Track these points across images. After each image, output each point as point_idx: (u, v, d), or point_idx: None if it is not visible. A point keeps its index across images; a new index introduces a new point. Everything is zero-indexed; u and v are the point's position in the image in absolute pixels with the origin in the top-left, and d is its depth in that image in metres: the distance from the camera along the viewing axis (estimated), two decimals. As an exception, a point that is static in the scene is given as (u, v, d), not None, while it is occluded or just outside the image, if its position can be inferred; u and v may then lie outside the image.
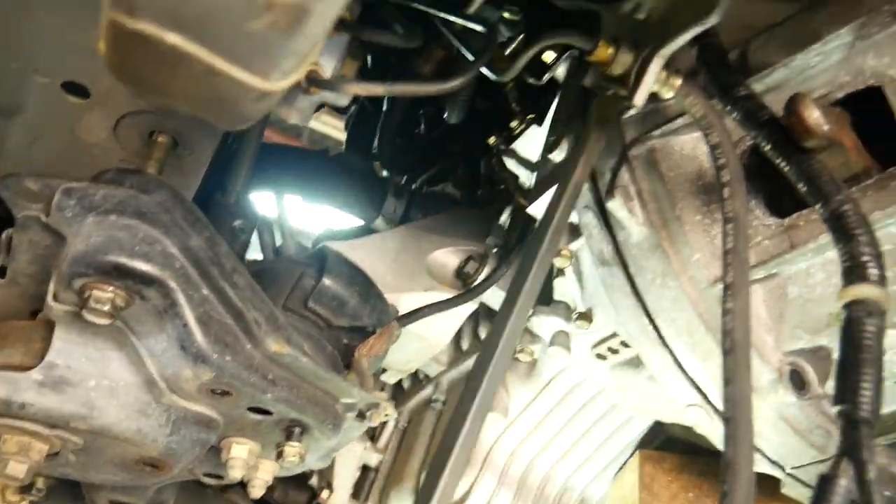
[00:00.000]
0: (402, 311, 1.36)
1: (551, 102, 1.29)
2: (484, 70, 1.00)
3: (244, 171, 1.52)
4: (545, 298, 1.33)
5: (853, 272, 0.70)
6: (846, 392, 0.65)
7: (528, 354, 1.39)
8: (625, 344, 1.23)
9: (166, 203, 1.00)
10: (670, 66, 0.85)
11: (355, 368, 1.20)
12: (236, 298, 1.01)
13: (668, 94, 0.86)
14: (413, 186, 1.92)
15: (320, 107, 1.20)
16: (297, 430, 1.10)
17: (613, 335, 1.22)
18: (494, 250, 1.43)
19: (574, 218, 1.15)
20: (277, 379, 1.03)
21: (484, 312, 1.52)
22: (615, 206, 1.03)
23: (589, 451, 1.47)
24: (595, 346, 1.27)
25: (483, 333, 1.55)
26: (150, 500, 1.35)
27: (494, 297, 1.41)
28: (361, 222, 1.82)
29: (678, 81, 0.85)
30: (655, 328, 1.05)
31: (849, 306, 0.69)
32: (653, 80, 0.80)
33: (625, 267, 1.06)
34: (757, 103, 0.84)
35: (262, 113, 0.63)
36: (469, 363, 1.54)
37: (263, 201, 1.79)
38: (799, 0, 0.93)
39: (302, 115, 0.87)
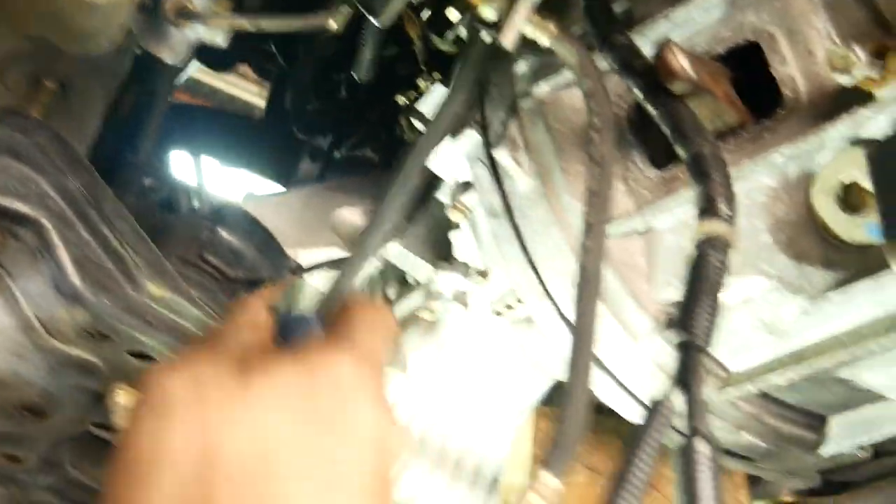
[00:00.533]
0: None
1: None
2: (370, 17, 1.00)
3: (153, 129, 1.50)
4: (446, 256, 1.34)
5: (705, 210, 0.72)
6: (683, 321, 0.66)
7: (429, 312, 1.40)
8: (520, 300, 1.24)
9: (45, 145, 0.99)
10: (545, 13, 0.86)
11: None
12: (116, 242, 1.00)
13: (544, 40, 0.87)
14: (336, 151, 1.92)
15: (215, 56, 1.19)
16: (183, 378, 1.09)
17: (509, 291, 1.23)
18: (400, 209, 1.43)
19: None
20: (158, 323, 1.02)
21: (391, 271, 1.52)
22: (502, 155, 1.04)
23: (490, 411, 1.48)
24: (493, 302, 1.28)
25: (391, 293, 1.55)
26: (44, 455, 1.33)
27: (400, 255, 1.41)
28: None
29: (553, 27, 0.86)
30: (539, 279, 1.06)
31: (700, 243, 0.70)
32: (520, 20, 0.80)
33: (511, 217, 1.07)
34: (633, 51, 0.85)
35: (105, 32, 0.61)
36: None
37: (183, 165, 1.77)
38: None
39: (175, 54, 0.85)
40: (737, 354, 0.98)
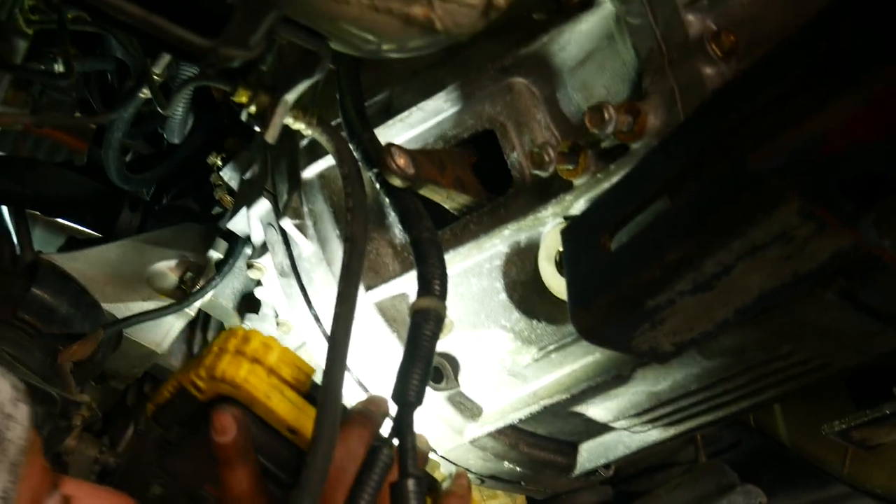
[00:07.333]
0: (120, 319, 1.44)
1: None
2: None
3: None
4: (254, 307, 1.45)
5: (421, 288, 0.87)
6: (400, 380, 0.81)
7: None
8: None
9: None
10: (308, 109, 0.99)
11: (58, 372, 1.27)
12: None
13: (305, 131, 1.00)
14: (163, 200, 2.00)
15: None
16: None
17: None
18: (215, 262, 1.53)
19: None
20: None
21: (208, 320, 1.62)
22: (287, 224, 1.17)
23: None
24: (296, 350, 1.41)
25: (211, 338, 1.65)
26: None
27: (211, 305, 1.52)
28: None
29: (315, 121, 1.00)
30: (324, 333, 1.19)
31: (414, 315, 0.85)
32: (280, 120, 0.93)
33: (298, 278, 1.20)
34: (374, 146, 1.00)
35: None
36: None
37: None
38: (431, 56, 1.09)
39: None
40: (489, 395, 1.15)
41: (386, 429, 0.85)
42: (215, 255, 1.52)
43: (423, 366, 0.81)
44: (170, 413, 0.95)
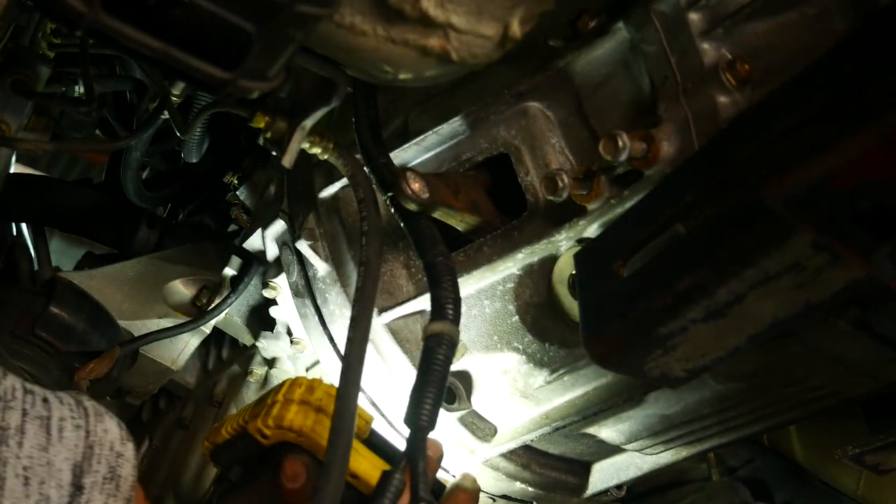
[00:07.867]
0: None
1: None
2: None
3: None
4: (267, 324, 1.46)
5: (434, 312, 0.87)
6: (413, 405, 0.81)
7: (255, 377, 1.52)
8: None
9: None
10: (324, 134, 1.01)
11: (75, 390, 1.29)
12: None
13: (322, 155, 1.02)
14: (179, 217, 2.02)
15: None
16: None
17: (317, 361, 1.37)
18: (229, 279, 1.54)
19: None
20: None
21: (222, 337, 1.63)
22: (303, 245, 1.18)
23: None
24: (308, 369, 1.42)
25: (225, 355, 1.67)
26: None
27: (226, 322, 1.53)
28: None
29: (331, 146, 1.01)
30: (338, 354, 1.20)
31: (427, 339, 0.85)
32: (297, 146, 0.95)
33: (313, 298, 1.21)
34: (390, 171, 1.01)
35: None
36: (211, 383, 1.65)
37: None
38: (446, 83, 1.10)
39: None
40: (500, 416, 1.15)
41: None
42: (230, 272, 1.53)
43: (436, 390, 0.82)
44: (230, 454, 0.97)
